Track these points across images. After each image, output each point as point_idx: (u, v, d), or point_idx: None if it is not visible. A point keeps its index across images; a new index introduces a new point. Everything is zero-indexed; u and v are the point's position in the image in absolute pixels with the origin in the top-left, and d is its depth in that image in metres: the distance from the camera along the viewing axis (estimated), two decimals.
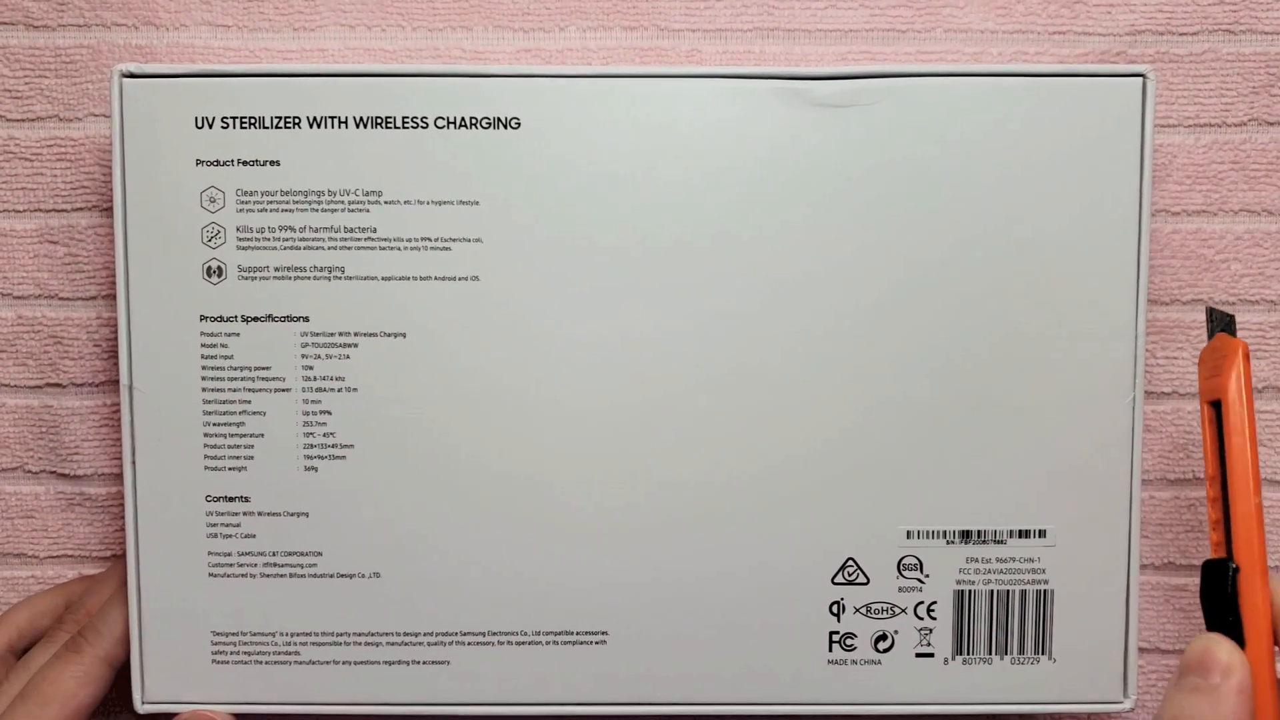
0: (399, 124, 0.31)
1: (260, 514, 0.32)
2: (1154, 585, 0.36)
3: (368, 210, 0.31)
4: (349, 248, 0.31)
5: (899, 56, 0.35)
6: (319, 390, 0.31)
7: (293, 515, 0.32)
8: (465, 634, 0.32)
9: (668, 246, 0.31)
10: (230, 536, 0.32)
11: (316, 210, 0.31)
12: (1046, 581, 0.32)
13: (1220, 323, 0.30)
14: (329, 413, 0.32)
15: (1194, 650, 0.26)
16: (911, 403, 0.32)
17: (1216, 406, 0.29)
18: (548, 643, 0.32)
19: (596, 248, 0.31)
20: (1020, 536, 0.32)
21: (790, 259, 0.31)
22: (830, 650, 0.32)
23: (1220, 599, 0.27)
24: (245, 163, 0.31)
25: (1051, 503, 0.32)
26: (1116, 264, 0.31)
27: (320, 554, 0.32)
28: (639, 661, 0.32)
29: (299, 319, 0.31)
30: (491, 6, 0.35)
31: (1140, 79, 0.31)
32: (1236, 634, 0.26)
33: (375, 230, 0.31)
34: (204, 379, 0.31)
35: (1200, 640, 0.26)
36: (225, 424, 0.32)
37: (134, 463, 0.32)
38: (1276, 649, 0.27)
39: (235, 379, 0.31)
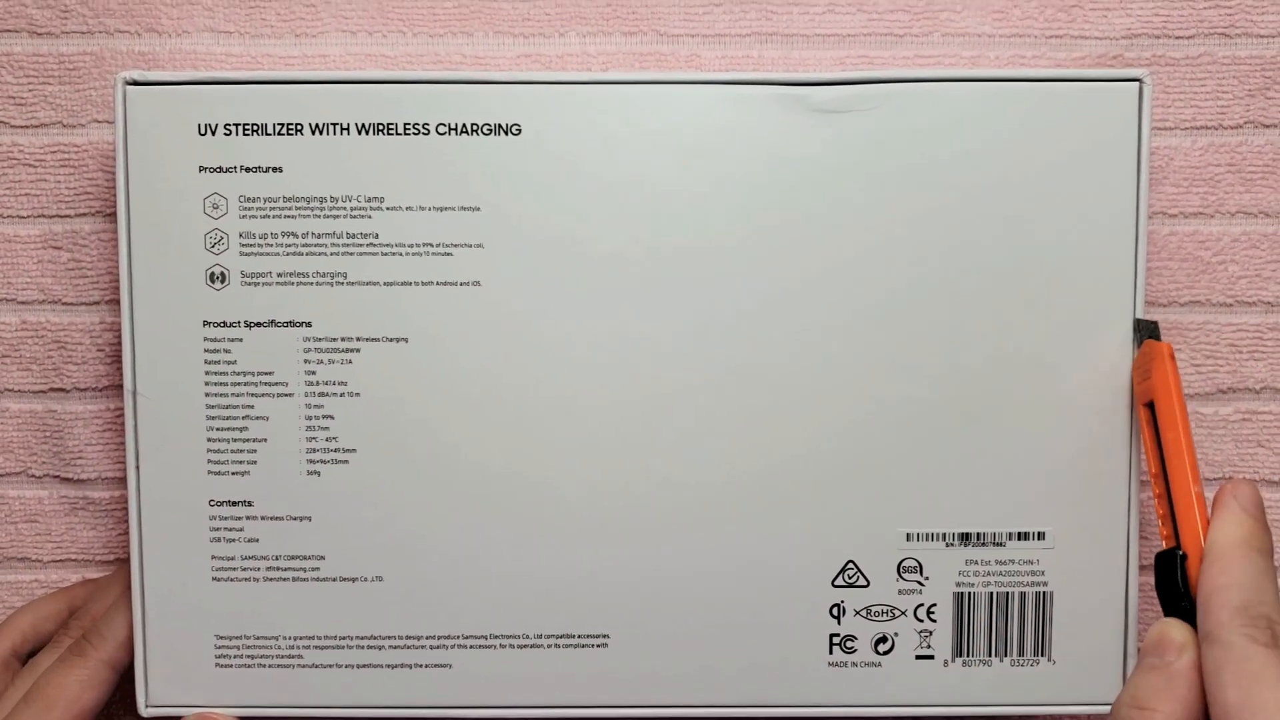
0: (400, 130, 0.31)
1: (263, 518, 0.32)
2: (1153, 587, 0.36)
3: (369, 216, 0.31)
4: (351, 253, 0.31)
5: (896, 61, 0.35)
6: (321, 395, 0.32)
7: (295, 519, 0.32)
8: (467, 637, 0.32)
9: (667, 251, 0.31)
10: (233, 541, 0.32)
11: (319, 216, 0.31)
12: (1046, 583, 0.32)
13: (1146, 331, 0.31)
14: (331, 417, 0.32)
15: (1151, 635, 0.27)
16: (911, 405, 0.32)
17: (1152, 408, 0.30)
18: (549, 646, 0.32)
19: (597, 252, 0.31)
20: (1019, 539, 0.32)
21: (790, 262, 0.31)
22: (830, 652, 0.33)
23: (1173, 587, 0.27)
24: (248, 169, 0.31)
25: (1050, 505, 0.32)
26: (1114, 266, 0.32)
27: (323, 558, 0.32)
28: (640, 664, 0.32)
29: (301, 324, 0.32)
30: (492, 12, 0.35)
31: (1137, 84, 0.31)
32: (1191, 618, 0.27)
33: (377, 236, 0.31)
34: (207, 384, 0.32)
35: (1156, 626, 0.27)
36: (228, 429, 0.32)
37: (137, 467, 0.32)
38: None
39: (238, 384, 0.32)
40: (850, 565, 0.32)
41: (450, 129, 0.31)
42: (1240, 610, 0.25)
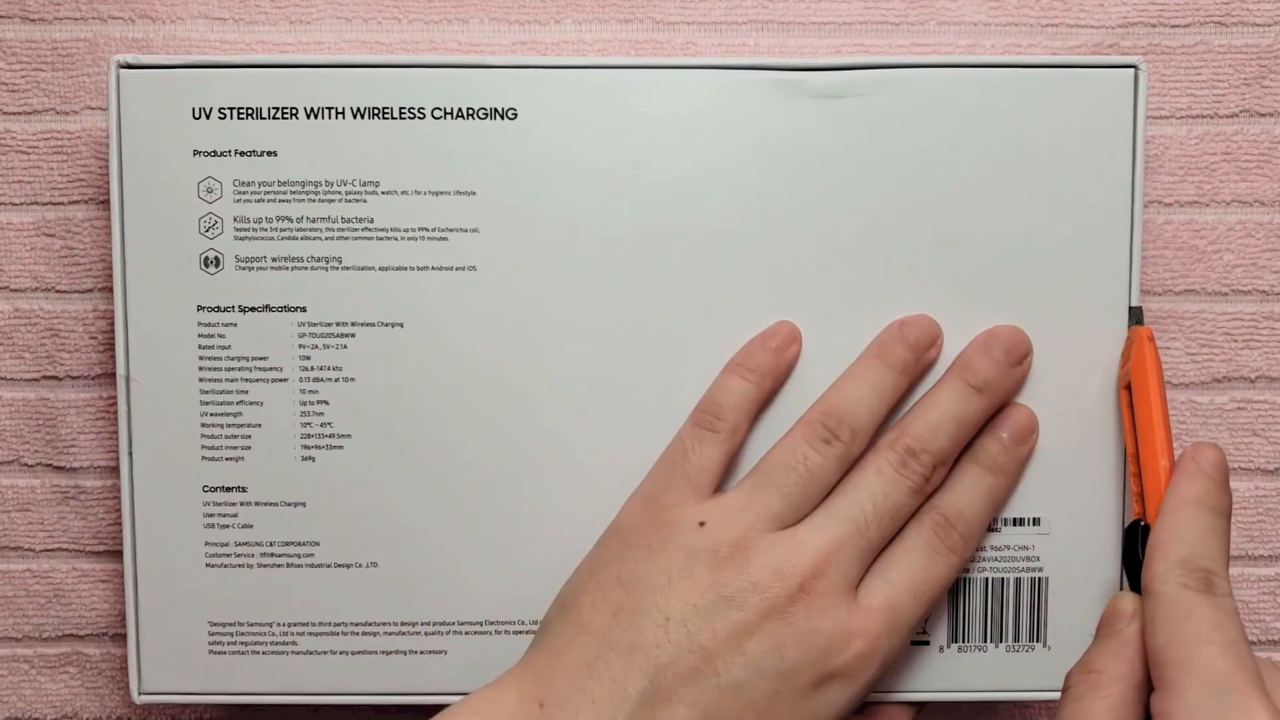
0: (396, 115, 0.31)
1: (257, 504, 0.32)
2: None
3: (365, 201, 0.31)
4: (346, 238, 0.31)
5: (892, 49, 0.35)
6: (316, 380, 0.32)
7: (290, 505, 0.32)
8: (463, 624, 0.32)
9: (664, 236, 0.31)
10: (228, 527, 0.32)
11: (314, 201, 0.31)
12: (1041, 569, 0.32)
13: (1134, 318, 0.32)
14: (326, 403, 0.32)
15: (1106, 608, 0.28)
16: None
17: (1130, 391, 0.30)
18: None
19: (593, 238, 0.31)
20: (1014, 525, 0.32)
21: (785, 248, 0.31)
22: None
23: (1134, 557, 0.28)
24: (242, 153, 0.31)
25: (1045, 491, 0.32)
26: (1109, 254, 0.32)
27: (317, 544, 0.32)
28: None
29: (296, 309, 0.31)
30: None
31: (1132, 70, 0.31)
32: None
33: (372, 220, 0.31)
34: (201, 369, 0.32)
35: (1111, 599, 0.28)
36: (222, 414, 0.32)
37: (131, 453, 0.32)
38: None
39: (232, 369, 0.32)
40: None
41: (446, 113, 0.31)
42: (1179, 563, 0.26)
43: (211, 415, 0.32)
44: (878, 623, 0.28)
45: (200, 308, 0.31)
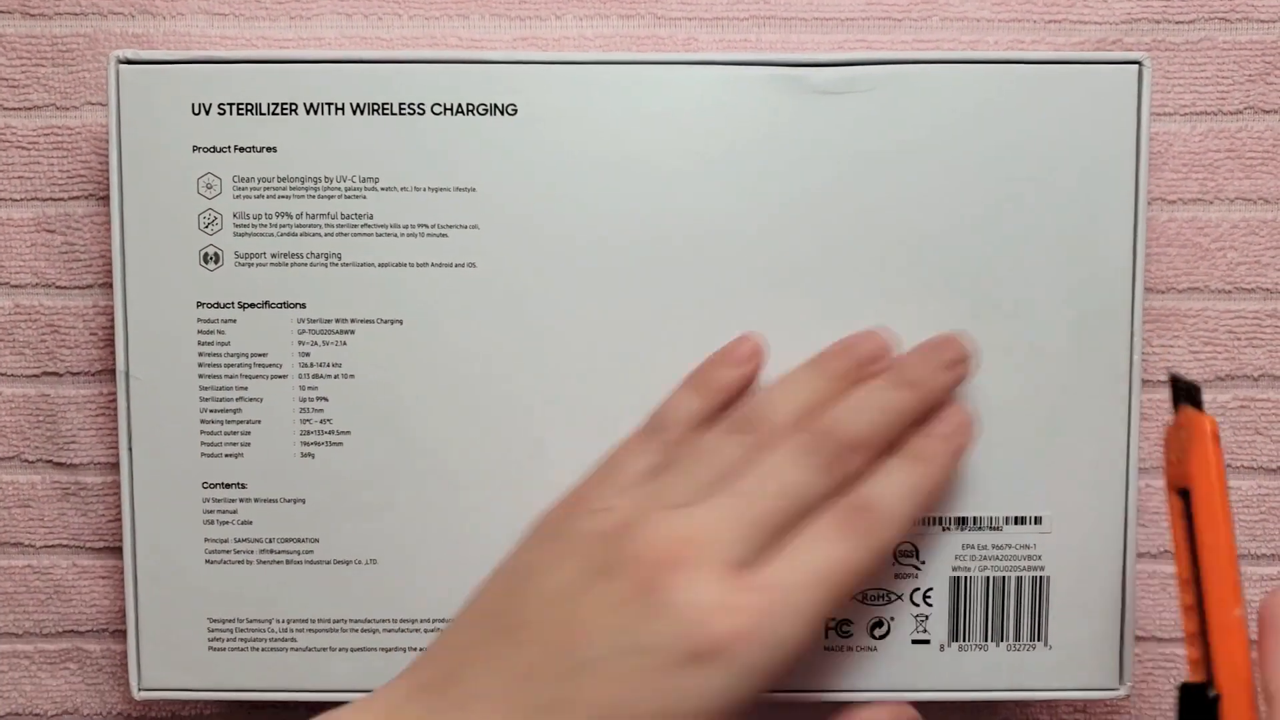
0: (396, 110, 0.31)
1: (257, 500, 0.32)
2: (1150, 573, 0.36)
3: (364, 197, 0.31)
4: (345, 234, 0.31)
5: (895, 45, 0.35)
6: (316, 377, 0.32)
7: (289, 501, 0.32)
8: None
9: (664, 233, 0.31)
10: (227, 523, 0.32)
11: (313, 197, 0.31)
12: (1043, 568, 0.32)
13: (1184, 393, 0.26)
14: (326, 399, 0.32)
15: None
16: None
17: (1186, 496, 0.25)
18: None
19: (593, 234, 0.31)
20: (1016, 523, 0.32)
21: (786, 245, 0.31)
22: (826, 637, 0.32)
23: None
24: (242, 149, 0.31)
25: (1048, 490, 0.32)
26: (1113, 251, 0.32)
27: (317, 540, 0.32)
28: None
29: (295, 305, 0.31)
30: None
31: (1136, 66, 0.31)
32: None
33: (372, 217, 0.31)
34: (201, 366, 0.32)
35: None
36: (222, 411, 0.32)
37: (130, 449, 0.32)
38: None
39: (232, 366, 0.32)
40: None
41: (446, 109, 0.31)
42: None
43: (211, 412, 0.32)
44: (758, 600, 0.26)
45: (200, 304, 0.31)
